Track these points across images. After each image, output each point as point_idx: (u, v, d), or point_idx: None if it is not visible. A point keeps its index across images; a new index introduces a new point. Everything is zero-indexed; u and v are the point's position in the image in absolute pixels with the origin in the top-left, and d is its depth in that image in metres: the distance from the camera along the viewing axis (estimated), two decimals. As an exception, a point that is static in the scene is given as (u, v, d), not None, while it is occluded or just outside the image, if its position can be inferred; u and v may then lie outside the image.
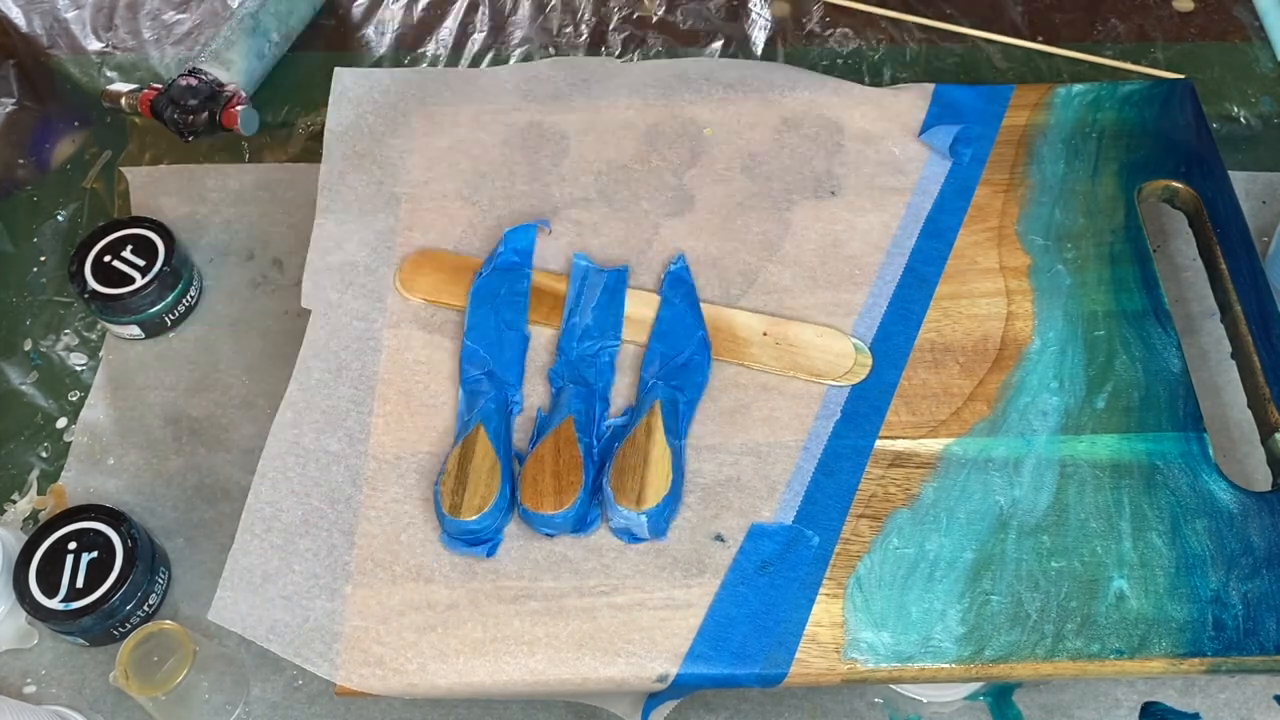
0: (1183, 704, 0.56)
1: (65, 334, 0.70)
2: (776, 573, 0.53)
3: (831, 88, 0.70)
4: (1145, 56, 0.79)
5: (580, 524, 0.54)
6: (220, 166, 0.76)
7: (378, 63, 0.80)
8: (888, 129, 0.68)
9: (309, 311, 0.62)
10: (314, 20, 0.83)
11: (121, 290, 0.66)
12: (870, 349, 0.59)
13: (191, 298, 0.69)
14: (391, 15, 0.83)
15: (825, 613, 0.52)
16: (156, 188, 0.75)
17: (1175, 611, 0.51)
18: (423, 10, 0.83)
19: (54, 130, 0.80)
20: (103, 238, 0.68)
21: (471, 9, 0.83)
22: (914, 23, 0.82)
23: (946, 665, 0.51)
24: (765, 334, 0.60)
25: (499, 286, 0.62)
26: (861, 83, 0.71)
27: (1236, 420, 0.62)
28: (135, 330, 0.68)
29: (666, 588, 0.53)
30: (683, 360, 0.59)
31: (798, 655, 0.51)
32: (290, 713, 0.57)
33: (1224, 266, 0.61)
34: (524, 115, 0.70)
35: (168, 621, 0.55)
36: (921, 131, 0.67)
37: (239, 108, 0.75)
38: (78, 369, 0.69)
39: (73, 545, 0.59)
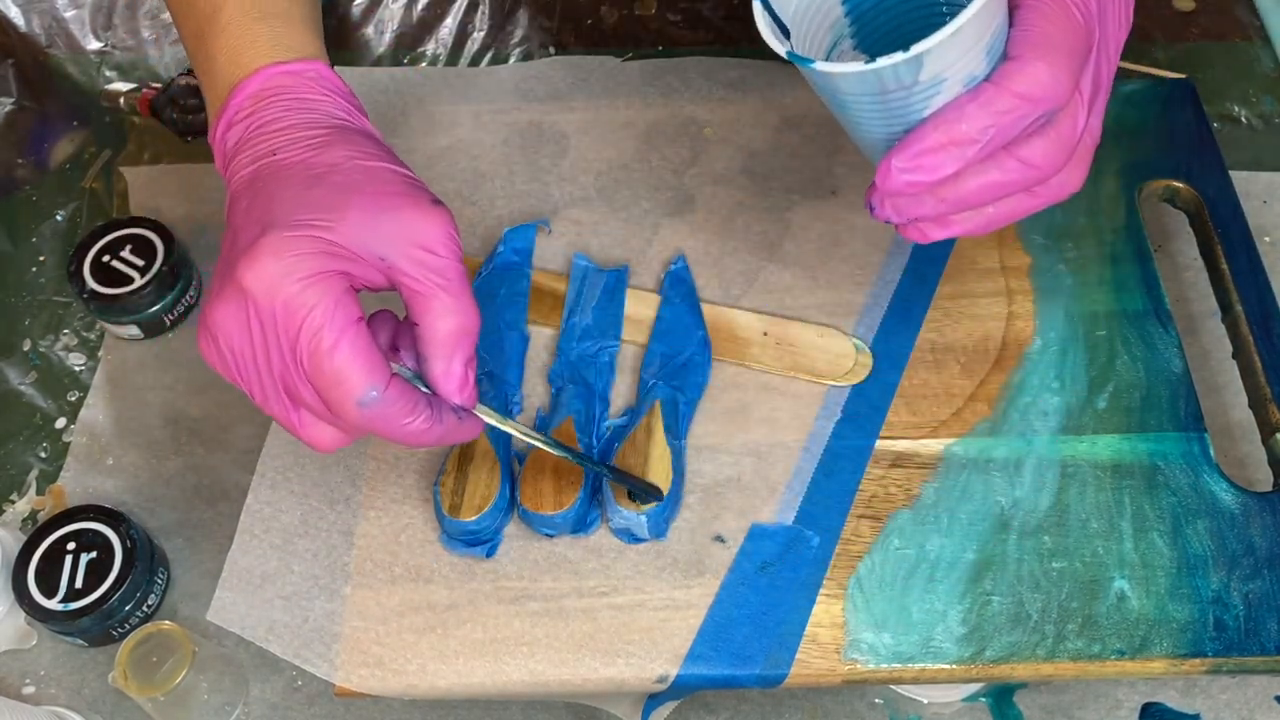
0: (1183, 705, 0.56)
1: (64, 334, 0.70)
2: (777, 573, 0.53)
3: (832, 87, 0.70)
4: (1146, 56, 0.79)
5: (580, 524, 0.54)
6: (219, 166, 0.76)
7: (377, 62, 0.80)
8: (888, 128, 0.68)
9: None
10: (313, 20, 0.82)
11: (120, 290, 0.66)
12: (871, 349, 0.59)
13: (191, 298, 0.69)
14: (391, 15, 0.83)
15: (826, 613, 0.52)
16: (156, 188, 0.75)
17: (1176, 612, 0.51)
18: (422, 10, 0.83)
19: (53, 130, 0.79)
20: (101, 237, 0.68)
21: (471, 9, 0.83)
22: (914, 22, 0.81)
23: (947, 666, 0.51)
24: (765, 334, 0.60)
25: (499, 286, 0.62)
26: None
27: (1238, 420, 0.62)
28: (134, 330, 0.68)
29: (666, 588, 0.53)
30: (683, 360, 0.58)
31: (798, 656, 0.51)
32: (289, 713, 0.57)
33: (1225, 266, 0.61)
34: (524, 115, 0.70)
35: (167, 622, 0.55)
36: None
37: (238, 107, 0.75)
38: (77, 369, 0.68)
39: (71, 545, 0.58)
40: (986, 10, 0.40)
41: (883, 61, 0.40)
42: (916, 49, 0.40)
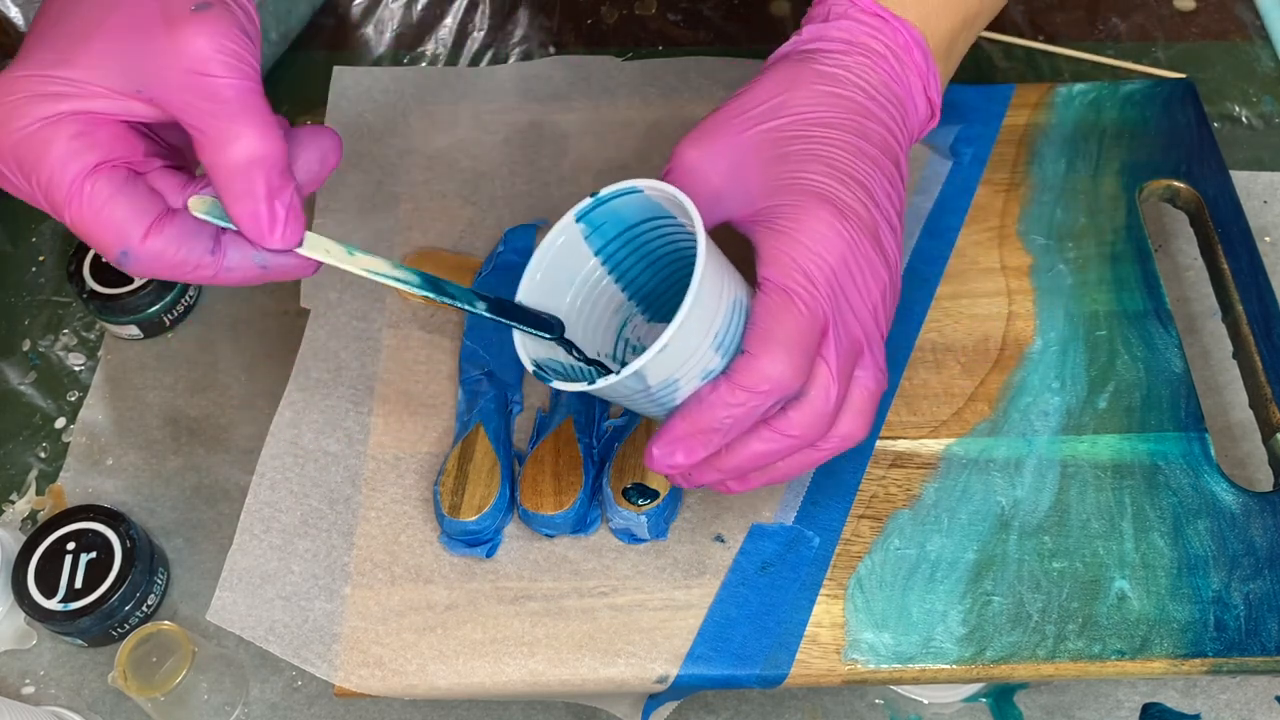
0: (1184, 705, 0.56)
1: (64, 334, 0.70)
2: (777, 573, 0.53)
3: (832, 87, 0.70)
4: (1146, 56, 0.79)
5: (580, 524, 0.54)
6: (219, 166, 0.76)
7: (377, 62, 0.80)
8: (888, 128, 0.68)
9: (308, 311, 0.62)
10: (313, 19, 0.82)
11: (120, 290, 0.66)
12: (871, 349, 0.59)
13: (190, 297, 0.69)
14: (391, 14, 0.83)
15: (826, 613, 0.52)
16: (155, 187, 0.75)
17: (1177, 612, 0.51)
18: (422, 9, 0.83)
19: (53, 130, 0.79)
20: (101, 237, 0.68)
21: (471, 8, 0.83)
22: (914, 22, 0.81)
23: (947, 666, 0.50)
24: (766, 334, 0.60)
25: (499, 286, 0.62)
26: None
27: (1238, 420, 0.62)
28: (134, 330, 0.68)
29: (667, 588, 0.53)
30: (683, 360, 0.58)
31: (798, 656, 0.51)
32: (289, 713, 0.57)
33: (1225, 266, 0.61)
34: (524, 115, 0.70)
35: (166, 622, 0.55)
36: (922, 131, 0.67)
37: (238, 107, 0.75)
38: (76, 369, 0.68)
39: (71, 546, 0.58)
40: (688, 327, 0.42)
41: (604, 381, 0.44)
42: (630, 367, 0.43)
